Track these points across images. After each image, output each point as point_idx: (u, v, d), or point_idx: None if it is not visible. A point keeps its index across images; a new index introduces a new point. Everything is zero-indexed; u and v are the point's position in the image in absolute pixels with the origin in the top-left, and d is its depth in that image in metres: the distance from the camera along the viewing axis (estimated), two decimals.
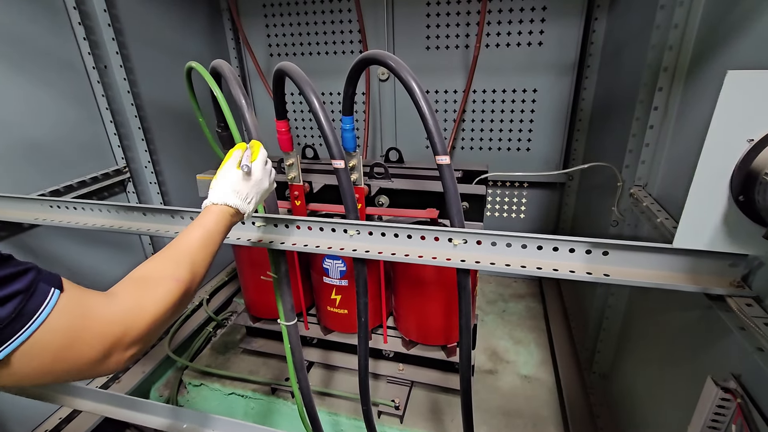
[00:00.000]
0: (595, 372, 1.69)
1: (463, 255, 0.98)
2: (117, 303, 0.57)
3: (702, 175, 0.67)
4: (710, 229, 0.69)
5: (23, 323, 0.45)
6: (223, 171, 0.85)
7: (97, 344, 0.52)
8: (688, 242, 0.71)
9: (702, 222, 0.69)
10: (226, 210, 0.81)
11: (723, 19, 1.01)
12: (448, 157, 0.97)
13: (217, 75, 1.13)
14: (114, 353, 0.54)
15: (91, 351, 0.52)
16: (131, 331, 0.56)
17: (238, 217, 0.84)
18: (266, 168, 0.91)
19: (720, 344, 0.89)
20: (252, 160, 0.88)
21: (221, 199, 0.81)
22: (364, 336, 1.25)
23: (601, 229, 1.74)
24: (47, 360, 0.48)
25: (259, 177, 0.87)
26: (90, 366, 0.53)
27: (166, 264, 0.67)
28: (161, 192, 2.08)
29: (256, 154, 0.89)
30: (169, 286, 0.63)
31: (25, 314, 0.46)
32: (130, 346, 0.56)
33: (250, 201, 0.85)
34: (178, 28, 2.17)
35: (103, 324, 0.53)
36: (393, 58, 0.98)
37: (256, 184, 0.86)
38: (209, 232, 0.76)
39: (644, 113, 1.33)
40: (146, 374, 1.99)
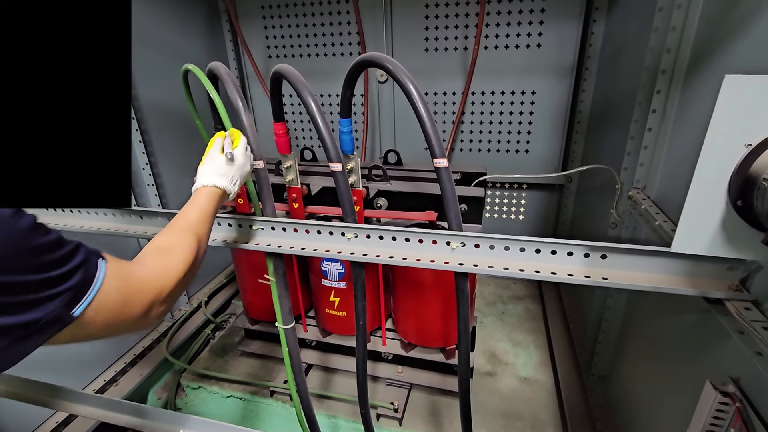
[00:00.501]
0: (594, 374, 1.69)
1: (461, 258, 0.98)
2: (148, 268, 0.70)
3: (700, 179, 0.67)
4: (708, 233, 0.69)
5: (87, 288, 0.55)
6: (208, 157, 0.97)
7: (142, 301, 0.65)
8: (686, 247, 0.71)
9: (700, 227, 0.69)
10: (215, 191, 0.93)
11: (721, 21, 1.01)
12: (446, 160, 0.96)
13: (214, 77, 1.13)
14: (153, 308, 0.67)
15: (138, 307, 0.64)
16: (164, 289, 0.69)
17: (225, 197, 0.96)
18: (247, 153, 1.03)
19: (718, 348, 0.88)
20: (234, 147, 0.99)
21: (210, 181, 0.93)
22: (362, 339, 1.25)
23: (600, 231, 1.74)
24: (108, 317, 0.59)
25: (241, 162, 0.99)
26: (137, 320, 0.64)
27: (175, 236, 0.80)
28: (159, 194, 2.08)
29: (237, 141, 1.01)
30: (184, 251, 0.77)
31: (87, 281, 0.55)
32: (164, 302, 0.69)
33: (235, 183, 0.97)
34: (176, 30, 2.17)
35: (143, 285, 0.66)
36: (391, 61, 0.98)
37: (240, 167, 0.98)
38: (204, 209, 0.89)
39: (642, 116, 1.33)
40: (144, 377, 1.98)
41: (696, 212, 0.69)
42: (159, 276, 0.70)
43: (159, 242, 0.78)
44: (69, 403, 1.11)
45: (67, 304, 0.52)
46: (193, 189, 0.94)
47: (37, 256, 0.48)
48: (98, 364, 1.91)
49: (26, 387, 1.18)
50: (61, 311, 0.51)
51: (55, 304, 0.50)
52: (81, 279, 0.54)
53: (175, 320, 2.26)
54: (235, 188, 0.97)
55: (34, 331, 0.50)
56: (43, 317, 0.49)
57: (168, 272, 0.72)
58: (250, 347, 2.07)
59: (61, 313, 0.51)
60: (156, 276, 0.69)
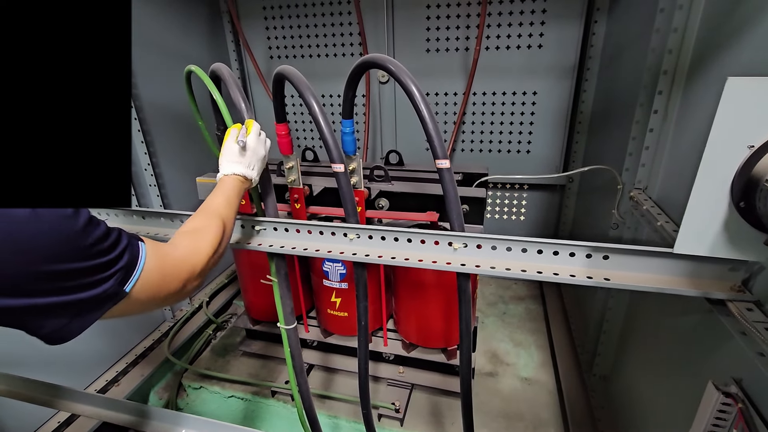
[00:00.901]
0: (596, 374, 1.69)
1: (464, 259, 0.98)
2: (181, 249, 0.78)
3: (702, 181, 0.67)
4: (711, 235, 0.69)
5: (134, 266, 0.64)
6: (224, 148, 1.03)
7: (178, 277, 0.74)
8: (688, 248, 0.71)
9: (702, 228, 0.69)
10: (236, 178, 1.00)
11: (723, 23, 1.01)
12: (448, 161, 0.97)
13: (216, 78, 1.13)
14: (188, 283, 0.76)
15: (175, 282, 0.73)
16: (197, 266, 0.78)
17: (246, 183, 1.03)
18: (260, 138, 1.06)
19: (721, 348, 0.88)
20: (246, 135, 1.04)
21: (229, 169, 1.00)
22: (364, 339, 1.25)
23: (602, 232, 1.74)
24: (152, 291, 0.68)
25: (253, 146, 1.03)
26: (176, 293, 0.74)
27: (203, 219, 0.89)
28: (161, 195, 2.08)
29: (249, 129, 1.05)
30: (212, 232, 0.86)
31: (133, 261, 0.64)
32: (197, 277, 0.79)
33: (252, 167, 1.03)
34: (178, 31, 2.18)
35: (178, 263, 0.75)
36: (393, 62, 0.98)
37: (254, 153, 1.03)
38: (228, 195, 0.96)
39: (644, 116, 1.33)
40: (145, 377, 1.99)
41: (698, 213, 0.69)
42: (191, 255, 0.78)
43: (189, 226, 0.87)
44: (71, 403, 1.11)
45: (120, 282, 0.61)
46: (217, 178, 1.02)
47: (95, 245, 0.57)
48: (100, 364, 1.91)
49: (28, 386, 1.18)
50: (116, 288, 0.60)
51: (111, 282, 0.59)
52: (129, 260, 0.63)
53: (177, 320, 2.27)
54: (254, 173, 1.04)
55: (95, 306, 0.59)
56: (101, 293, 0.58)
57: (199, 251, 0.80)
58: (251, 347, 2.07)
59: (116, 289, 0.61)
60: (188, 255, 0.78)
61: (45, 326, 0.56)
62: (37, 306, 0.53)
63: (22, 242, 0.49)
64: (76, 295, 0.56)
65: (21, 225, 0.49)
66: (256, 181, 1.06)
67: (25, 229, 0.50)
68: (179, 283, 0.74)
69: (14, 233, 0.49)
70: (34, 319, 0.55)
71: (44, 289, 0.53)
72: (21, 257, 0.50)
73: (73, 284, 0.55)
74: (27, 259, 0.50)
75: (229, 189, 0.97)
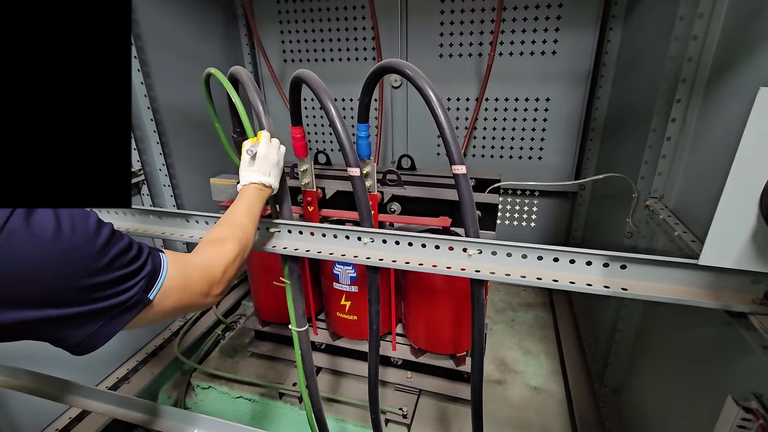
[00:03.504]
0: (607, 385, 1.66)
1: (478, 265, 0.98)
2: (203, 257, 0.81)
3: (731, 191, 0.66)
4: (738, 247, 0.68)
5: (157, 275, 0.67)
6: (242, 162, 1.06)
7: (201, 284, 0.76)
8: (714, 260, 0.69)
9: (729, 240, 0.68)
10: (254, 186, 1.03)
11: (745, 31, 1.00)
12: (464, 167, 0.96)
13: (234, 81, 1.15)
14: (212, 289, 0.79)
15: (198, 288, 0.75)
16: (217, 274, 0.80)
17: (266, 190, 1.05)
18: (271, 145, 1.07)
19: (741, 362, 0.87)
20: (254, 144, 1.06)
21: (246, 179, 1.03)
22: (375, 344, 1.25)
23: (614, 241, 1.72)
24: (176, 298, 0.70)
25: (264, 153, 1.04)
26: (200, 299, 0.76)
27: (225, 230, 0.91)
28: (174, 195, 2.10)
29: (258, 139, 1.07)
30: (233, 244, 0.88)
31: (156, 270, 0.67)
32: (219, 284, 0.81)
33: (268, 174, 1.05)
34: (194, 34, 2.21)
35: (200, 270, 0.77)
36: (410, 67, 0.99)
37: (264, 159, 1.04)
38: (249, 205, 0.99)
39: (661, 125, 1.32)
40: (155, 376, 2.00)
41: (726, 225, 0.67)
42: (213, 262, 0.81)
43: (211, 236, 0.90)
44: (82, 399, 1.12)
45: (144, 290, 0.64)
46: (238, 188, 1.05)
47: (119, 257, 0.60)
48: (112, 362, 1.93)
49: (40, 381, 1.19)
50: (141, 295, 0.63)
51: (136, 289, 0.62)
52: (151, 269, 0.65)
53: (187, 320, 2.28)
54: (271, 179, 1.05)
55: (122, 312, 0.61)
56: (128, 300, 0.61)
57: (222, 258, 0.83)
58: (260, 349, 2.08)
59: (141, 296, 0.63)
60: (210, 262, 0.81)
61: (73, 335, 0.58)
62: (65, 316, 0.55)
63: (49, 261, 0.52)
64: (102, 303, 0.58)
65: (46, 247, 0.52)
66: (276, 186, 1.08)
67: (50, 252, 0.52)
68: (202, 289, 0.76)
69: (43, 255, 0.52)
70: (62, 329, 0.57)
71: (72, 299, 0.55)
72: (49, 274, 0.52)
73: (100, 295, 0.58)
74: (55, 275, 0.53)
75: (248, 198, 1.00)
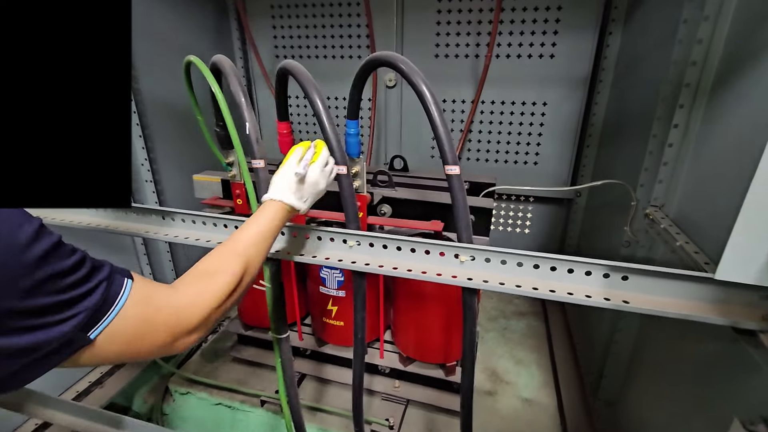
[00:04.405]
0: (601, 399, 1.61)
1: (471, 273, 0.92)
2: (179, 295, 0.65)
3: (752, 204, 0.59)
4: (759, 262, 0.62)
5: (107, 309, 0.53)
6: (283, 168, 0.90)
7: (165, 331, 0.60)
8: (732, 275, 0.63)
9: (750, 254, 0.62)
10: (282, 206, 0.87)
11: (752, 34, 0.95)
12: (458, 168, 0.91)
13: (217, 71, 1.08)
14: (179, 339, 0.63)
15: (160, 336, 0.60)
16: (192, 320, 0.64)
17: (293, 213, 0.90)
18: (324, 170, 0.94)
19: (748, 382, 0.81)
20: (312, 162, 0.91)
21: (278, 195, 0.87)
22: (360, 353, 1.18)
23: (611, 249, 1.67)
24: (124, 343, 0.56)
25: (314, 180, 0.91)
26: (159, 349, 0.61)
27: (223, 259, 0.75)
28: (157, 191, 2.02)
29: (318, 154, 0.93)
30: (225, 279, 0.71)
31: (108, 301, 0.53)
32: (192, 332, 0.65)
33: (305, 200, 0.91)
34: (181, 26, 2.13)
35: (171, 312, 0.62)
36: (404, 61, 0.93)
37: (312, 185, 0.91)
38: (264, 229, 0.83)
39: (662, 131, 1.27)
40: (131, 380, 1.91)
41: (746, 238, 0.61)
42: (191, 305, 0.65)
43: (204, 265, 0.73)
44: (42, 409, 1.04)
45: (83, 327, 0.50)
46: (263, 198, 0.89)
47: (53, 280, 0.47)
48: None
49: None
50: (75, 334, 0.50)
51: (69, 325, 0.49)
52: (99, 300, 0.52)
53: None
54: (306, 206, 0.91)
55: (48, 353, 0.49)
56: (57, 338, 0.48)
57: (202, 301, 0.67)
58: (242, 353, 2.00)
59: (75, 336, 0.50)
60: (187, 304, 0.65)
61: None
62: None
63: None
64: (20, 338, 0.45)
65: None
66: (305, 212, 0.93)
67: None
68: (166, 336, 0.61)
69: None
70: None
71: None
72: None
73: (17, 325, 0.45)
74: None
75: (267, 220, 0.84)
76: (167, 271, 2.22)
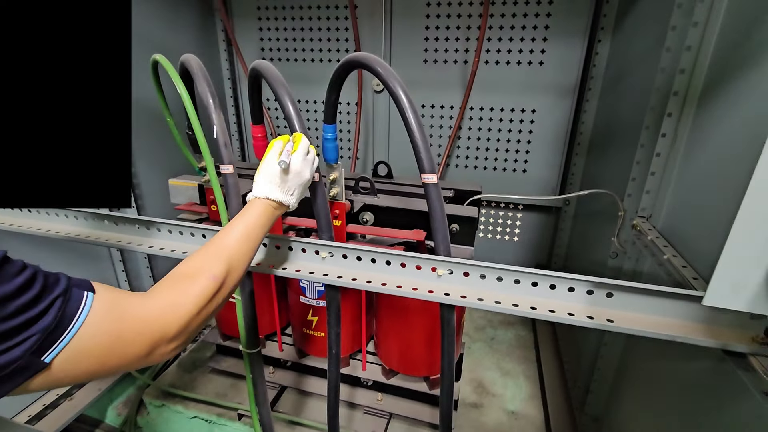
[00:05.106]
0: (587, 413, 1.56)
1: (448, 287, 0.87)
2: (153, 302, 0.60)
3: (743, 225, 0.54)
4: (751, 288, 0.57)
5: (63, 329, 0.48)
6: (264, 164, 0.86)
7: (140, 343, 0.56)
8: (721, 301, 0.59)
9: (741, 279, 0.57)
10: (268, 203, 0.83)
11: (742, 41, 0.92)
12: (435, 176, 0.86)
13: (185, 71, 1.02)
14: (157, 349, 0.58)
15: (135, 348, 0.55)
16: (170, 328, 0.59)
17: (281, 209, 0.86)
18: (307, 158, 0.89)
19: (736, 406, 0.77)
20: (293, 152, 0.87)
21: (263, 192, 0.83)
22: (335, 369, 1.12)
23: (599, 260, 1.64)
24: (93, 361, 0.51)
25: (298, 169, 0.86)
26: (136, 361, 0.56)
27: (204, 260, 0.70)
28: (135, 195, 1.95)
29: (296, 145, 0.88)
30: (205, 283, 0.66)
31: (64, 320, 0.48)
32: (171, 341, 0.60)
33: (292, 193, 0.86)
34: (167, 27, 2.07)
35: (142, 323, 0.57)
36: (381, 64, 0.88)
37: (296, 175, 0.86)
38: (249, 227, 0.78)
39: (650, 140, 1.24)
40: (103, 391, 1.83)
41: (737, 263, 0.56)
42: (167, 312, 0.60)
43: (184, 267, 0.68)
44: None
45: (35, 350, 0.46)
46: (248, 197, 0.85)
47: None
48: None
49: None
50: (27, 360, 0.46)
51: (20, 350, 0.45)
52: (53, 320, 0.47)
53: None
54: (293, 198, 0.87)
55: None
56: (5, 366, 0.44)
57: (180, 307, 0.62)
58: (221, 364, 1.93)
59: (27, 362, 0.46)
60: (163, 312, 0.60)
61: None
62: None
63: None
64: None
65: None
66: (294, 207, 0.89)
67: None
68: (142, 348, 0.56)
69: None
70: None
71: None
72: None
73: None
74: None
75: (253, 218, 0.80)
76: (145, 278, 2.15)
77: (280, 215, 0.87)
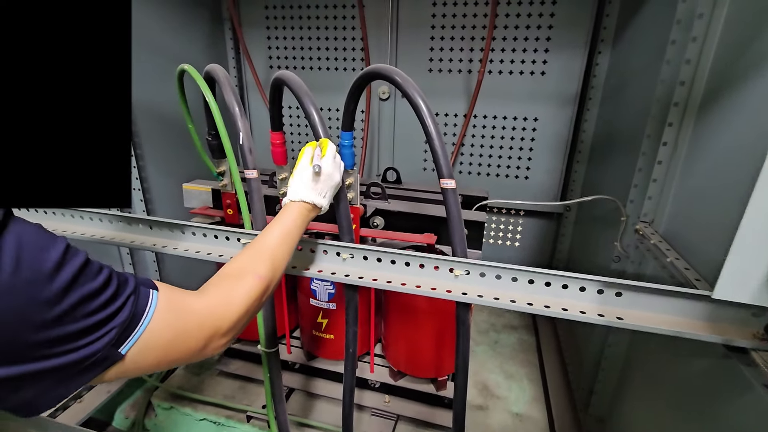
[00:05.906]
0: (591, 414, 1.60)
1: (465, 287, 0.91)
2: (208, 299, 0.65)
3: (751, 221, 0.60)
4: (757, 281, 0.62)
5: (136, 323, 0.53)
6: (298, 169, 0.92)
7: (197, 336, 0.60)
8: (730, 294, 0.63)
9: (748, 273, 0.62)
10: (303, 206, 0.88)
11: (740, 54, 0.98)
12: (453, 182, 0.90)
13: (211, 80, 1.07)
14: (212, 342, 0.63)
15: (193, 342, 0.60)
16: (223, 323, 0.64)
17: (315, 212, 0.91)
18: (335, 162, 0.94)
19: (740, 401, 0.82)
20: (321, 157, 0.91)
21: (298, 196, 0.88)
22: (351, 368, 1.16)
23: (601, 264, 1.69)
24: (159, 353, 0.56)
25: (329, 172, 0.91)
26: (194, 354, 0.61)
27: (249, 261, 0.75)
28: (145, 200, 1.99)
29: (325, 150, 0.93)
30: (253, 282, 0.71)
31: (137, 316, 0.53)
32: (223, 335, 0.64)
33: (324, 195, 0.91)
34: (176, 34, 2.12)
35: (200, 318, 0.62)
36: (400, 74, 0.93)
37: (328, 178, 0.91)
38: (288, 228, 0.84)
39: (652, 148, 1.30)
40: (112, 394, 1.85)
41: (745, 257, 0.62)
42: (219, 309, 0.65)
43: (231, 268, 0.73)
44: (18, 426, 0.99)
45: (114, 343, 0.50)
46: (283, 202, 0.91)
47: (83, 305, 0.47)
48: None
49: None
50: (107, 351, 0.50)
51: (101, 343, 0.49)
52: (129, 316, 0.52)
53: None
54: (325, 201, 0.91)
55: (79, 372, 0.49)
56: (88, 357, 0.48)
57: (231, 304, 0.66)
58: (229, 367, 1.95)
59: (107, 353, 0.50)
60: (216, 308, 0.64)
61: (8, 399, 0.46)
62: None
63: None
64: (51, 362, 0.45)
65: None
66: (326, 209, 0.93)
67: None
68: (198, 342, 0.61)
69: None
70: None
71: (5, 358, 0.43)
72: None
73: (48, 352, 0.45)
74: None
75: (290, 221, 0.85)
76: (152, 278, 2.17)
77: (313, 217, 0.91)
